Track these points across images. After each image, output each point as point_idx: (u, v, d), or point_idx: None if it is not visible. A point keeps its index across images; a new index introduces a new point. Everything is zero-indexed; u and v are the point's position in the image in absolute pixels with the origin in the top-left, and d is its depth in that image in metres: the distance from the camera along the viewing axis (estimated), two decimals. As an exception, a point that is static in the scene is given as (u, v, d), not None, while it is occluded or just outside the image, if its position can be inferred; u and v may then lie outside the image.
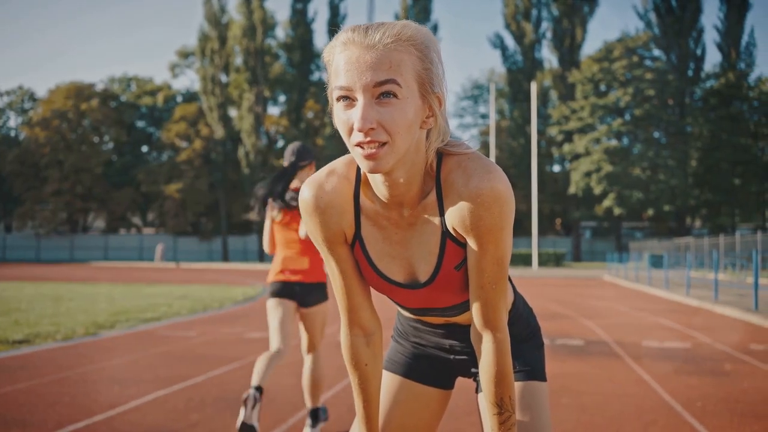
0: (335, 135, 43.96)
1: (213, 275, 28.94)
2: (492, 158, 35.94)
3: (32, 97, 63.76)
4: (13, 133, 63.55)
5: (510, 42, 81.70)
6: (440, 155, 1.36)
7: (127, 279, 24.17)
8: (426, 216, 1.37)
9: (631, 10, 69.99)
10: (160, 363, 6.48)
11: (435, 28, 54.47)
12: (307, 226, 1.43)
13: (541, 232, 50.51)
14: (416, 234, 1.40)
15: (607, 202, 45.83)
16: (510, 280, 1.64)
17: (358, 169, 1.40)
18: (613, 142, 47.07)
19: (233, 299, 14.29)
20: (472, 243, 1.33)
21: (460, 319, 1.61)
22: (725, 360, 6.91)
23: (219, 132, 52.84)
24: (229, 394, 5.07)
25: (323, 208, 1.39)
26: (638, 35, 48.33)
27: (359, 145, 1.20)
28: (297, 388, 5.17)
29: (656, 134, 48.52)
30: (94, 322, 9.61)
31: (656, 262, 30.20)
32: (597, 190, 45.67)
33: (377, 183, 1.34)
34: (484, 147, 53.26)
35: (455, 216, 1.32)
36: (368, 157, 1.19)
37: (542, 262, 41.16)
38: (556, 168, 55.77)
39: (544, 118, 51.67)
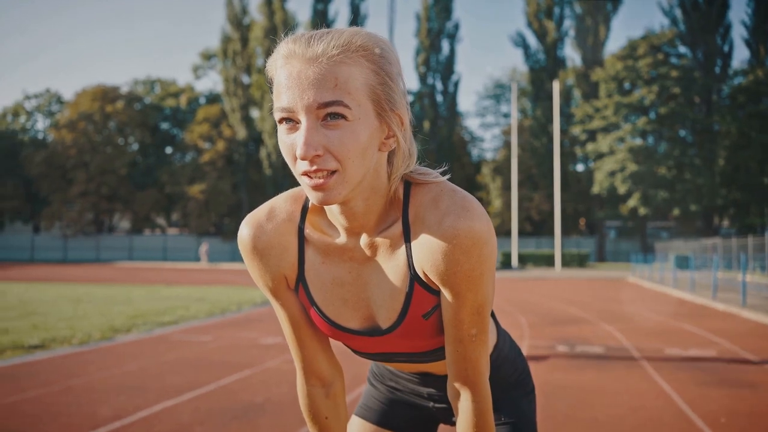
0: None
1: (234, 276, 28.98)
2: (514, 157, 35.68)
3: (59, 100, 64.52)
4: (41, 136, 64.34)
5: (532, 40, 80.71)
6: (408, 184, 1.19)
7: (148, 280, 24.29)
8: (388, 252, 1.19)
9: (655, 6, 69.45)
10: (171, 370, 6.41)
11: (456, 27, 54.24)
12: (249, 269, 1.29)
13: (565, 232, 49.98)
14: (375, 272, 1.21)
15: (631, 202, 45.27)
16: (493, 315, 1.48)
17: (305, 203, 1.24)
18: (638, 141, 46.48)
19: (252, 301, 14.24)
20: (447, 291, 1.15)
21: (433, 368, 1.43)
22: (752, 371, 6.68)
23: (241, 133, 53.07)
24: (236, 405, 4.98)
25: (262, 248, 1.23)
26: (663, 32, 47.63)
27: (306, 174, 1.04)
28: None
29: (682, 133, 47.82)
30: (111, 326, 9.60)
31: (682, 263, 29.71)
32: (621, 189, 45.12)
33: (334, 213, 1.18)
34: (507, 147, 52.94)
35: (426, 259, 1.14)
36: (316, 187, 1.04)
37: (565, 263, 40.73)
38: (580, 167, 55.21)
39: (567, 117, 51.15)
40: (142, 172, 58.99)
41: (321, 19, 53.59)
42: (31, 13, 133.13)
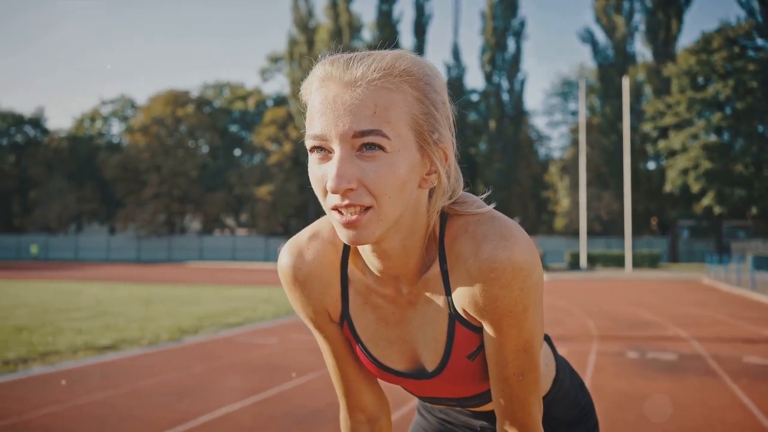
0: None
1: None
2: (582, 156, 34.68)
3: (133, 105, 66.72)
4: (116, 140, 66.70)
5: (600, 36, 79.22)
6: (445, 215, 1.09)
7: (217, 280, 24.78)
8: (429, 292, 1.10)
9: (731, -2, 66.57)
10: (235, 373, 6.48)
11: (522, 25, 53.49)
12: (289, 299, 1.21)
13: (636, 231, 48.67)
14: (417, 315, 1.13)
15: (706, 201, 43.68)
16: (551, 344, 1.37)
17: None
18: (713, 138, 44.83)
19: (316, 303, 14.30)
20: (489, 328, 1.06)
21: (485, 408, 1.33)
22: (837, 380, 6.30)
23: (307, 134, 53.64)
24: (297, 410, 4.97)
25: (302, 280, 1.15)
26: (739, 24, 45.79)
27: (336, 209, 0.95)
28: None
29: (760, 128, 45.87)
30: (179, 328, 9.80)
31: (761, 263, 28.52)
32: (695, 188, 43.59)
33: (366, 253, 1.08)
34: (575, 145, 51.93)
35: (465, 295, 1.05)
36: (347, 225, 0.94)
37: (636, 264, 39.65)
38: (651, 165, 53.63)
39: (637, 114, 49.75)
40: (212, 174, 60.38)
41: (386, 19, 53.78)
42: (105, 24, 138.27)
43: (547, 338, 1.35)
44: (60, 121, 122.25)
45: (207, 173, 60.22)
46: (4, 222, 64.65)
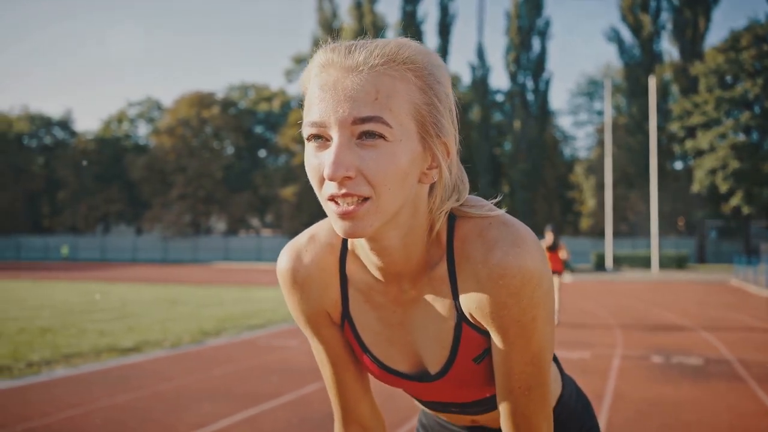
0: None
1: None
2: (608, 156, 34.13)
3: (159, 107, 67.42)
4: (142, 141, 67.46)
5: (627, 35, 78.28)
6: (453, 217, 1.05)
7: (241, 281, 24.90)
8: (434, 293, 1.06)
9: (760, -5, 65.49)
10: (255, 376, 6.49)
11: (547, 24, 53.12)
12: (287, 303, 1.18)
13: (662, 232, 48.05)
14: (421, 315, 1.09)
15: (734, 201, 43.03)
16: (556, 361, 1.32)
17: None
18: (741, 137, 44.14)
19: (339, 305, 14.30)
20: (495, 336, 1.02)
21: (488, 421, 1.28)
22: None
23: (332, 135, 53.85)
24: (315, 414, 4.97)
25: (301, 282, 1.13)
26: (769, 22, 45.10)
27: (332, 199, 0.90)
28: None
29: (791, 127, 45.10)
30: (201, 330, 9.86)
31: (791, 265, 27.95)
32: (723, 188, 42.96)
33: (364, 249, 1.04)
34: (600, 145, 51.48)
35: (472, 299, 1.01)
36: (344, 215, 0.90)
37: (663, 265, 39.16)
38: (678, 165, 52.98)
39: (663, 114, 49.17)
40: (237, 175, 60.78)
41: (410, 20, 53.70)
42: (132, 27, 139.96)
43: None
44: (87, 122, 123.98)
45: (232, 174, 60.63)
46: (33, 223, 65.69)
